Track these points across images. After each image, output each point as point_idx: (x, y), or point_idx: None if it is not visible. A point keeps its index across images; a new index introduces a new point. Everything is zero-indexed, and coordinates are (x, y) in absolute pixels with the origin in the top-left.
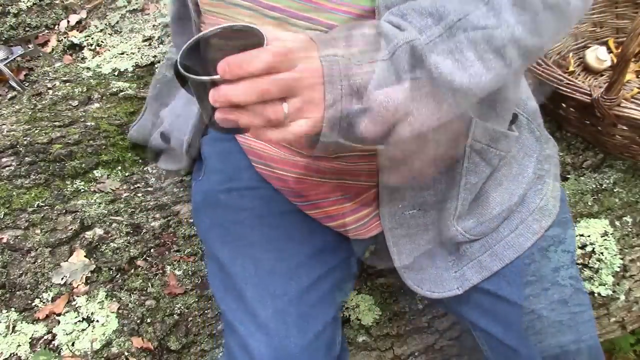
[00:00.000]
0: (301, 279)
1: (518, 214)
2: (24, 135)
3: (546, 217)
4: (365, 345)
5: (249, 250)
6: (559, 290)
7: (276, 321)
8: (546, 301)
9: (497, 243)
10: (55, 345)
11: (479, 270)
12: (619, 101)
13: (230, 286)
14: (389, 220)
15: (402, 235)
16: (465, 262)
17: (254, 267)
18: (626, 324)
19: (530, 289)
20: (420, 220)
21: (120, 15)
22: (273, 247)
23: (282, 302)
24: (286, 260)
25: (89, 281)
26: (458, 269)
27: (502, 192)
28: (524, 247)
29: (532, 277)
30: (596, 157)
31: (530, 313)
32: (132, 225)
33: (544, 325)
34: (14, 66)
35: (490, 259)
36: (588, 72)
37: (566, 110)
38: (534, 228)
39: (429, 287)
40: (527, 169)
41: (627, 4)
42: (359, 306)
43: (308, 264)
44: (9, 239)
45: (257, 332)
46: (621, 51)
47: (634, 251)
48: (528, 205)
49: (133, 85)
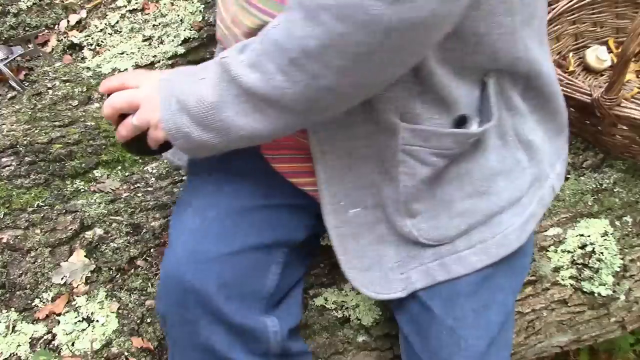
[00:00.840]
0: (239, 199)
1: (479, 233)
2: (24, 135)
3: (506, 246)
4: (365, 345)
5: (207, 168)
6: (488, 322)
7: (198, 229)
8: (473, 329)
9: (449, 255)
10: (55, 345)
11: (425, 276)
12: (619, 101)
13: (183, 200)
14: (333, 218)
15: (346, 235)
16: (413, 265)
17: (205, 180)
18: (626, 324)
19: (462, 310)
20: (364, 219)
21: (120, 15)
22: (228, 169)
23: (212, 213)
24: (233, 181)
25: (89, 281)
26: (404, 271)
27: (467, 203)
28: (474, 267)
29: (468, 299)
30: (596, 157)
31: (453, 334)
32: (132, 225)
33: (460, 349)
34: (14, 66)
35: (438, 269)
36: (588, 72)
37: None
38: (491, 252)
39: (374, 288)
40: (502, 190)
41: (627, 4)
42: (359, 306)
43: (252, 190)
44: (9, 239)
45: (181, 237)
46: (621, 51)
47: (634, 251)
48: (493, 229)
49: None
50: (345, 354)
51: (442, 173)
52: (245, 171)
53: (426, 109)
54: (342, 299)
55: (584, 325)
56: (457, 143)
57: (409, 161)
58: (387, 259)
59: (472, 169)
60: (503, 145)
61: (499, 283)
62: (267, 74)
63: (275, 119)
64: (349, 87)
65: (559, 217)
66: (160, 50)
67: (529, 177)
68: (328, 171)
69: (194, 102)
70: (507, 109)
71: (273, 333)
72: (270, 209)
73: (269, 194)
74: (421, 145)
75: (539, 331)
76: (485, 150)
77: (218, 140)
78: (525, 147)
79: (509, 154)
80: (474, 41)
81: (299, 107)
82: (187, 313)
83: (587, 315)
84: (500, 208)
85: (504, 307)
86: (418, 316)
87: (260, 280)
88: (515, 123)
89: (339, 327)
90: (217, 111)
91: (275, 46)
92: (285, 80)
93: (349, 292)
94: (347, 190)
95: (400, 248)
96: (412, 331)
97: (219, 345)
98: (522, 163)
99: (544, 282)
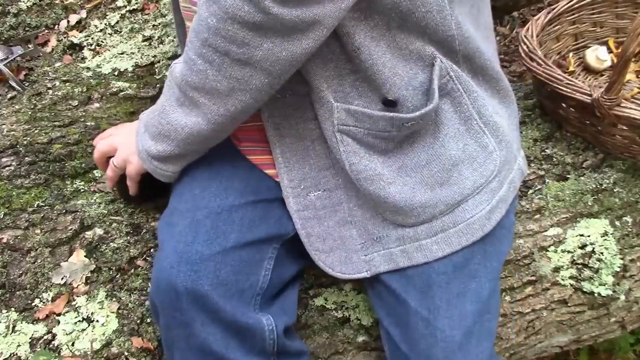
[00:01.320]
0: (227, 199)
1: (440, 222)
2: (24, 135)
3: (469, 235)
4: (365, 345)
5: (192, 171)
6: (462, 311)
7: (189, 230)
8: (447, 319)
9: (412, 242)
10: (55, 345)
11: (388, 260)
12: (619, 101)
13: (170, 205)
14: (294, 203)
15: (310, 218)
16: (377, 248)
17: (190, 184)
18: (626, 324)
19: (436, 301)
20: (326, 201)
21: (120, 15)
22: (211, 169)
23: (201, 214)
24: (219, 181)
25: (89, 281)
26: (368, 253)
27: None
28: (434, 256)
29: (441, 290)
30: (596, 157)
31: (429, 325)
32: (132, 225)
33: (437, 340)
34: (14, 66)
35: (400, 255)
36: (588, 72)
37: (566, 110)
38: (452, 241)
39: (339, 268)
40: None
41: (627, 4)
42: (359, 306)
43: (239, 188)
44: (9, 239)
45: (171, 239)
46: (621, 51)
47: (634, 251)
48: (456, 217)
49: (133, 85)
50: (345, 354)
51: (402, 165)
52: (229, 170)
53: (355, 88)
54: (342, 299)
55: (584, 325)
56: (392, 126)
57: (346, 140)
58: (351, 240)
59: (431, 160)
60: (467, 131)
61: (471, 271)
62: (190, 62)
63: (209, 108)
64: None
65: (559, 217)
66: (160, 50)
67: (497, 160)
68: (286, 155)
69: (149, 116)
70: (466, 93)
71: (269, 331)
72: (260, 204)
73: (257, 190)
74: (355, 126)
75: (539, 331)
76: (444, 139)
77: (172, 147)
78: (491, 131)
79: (473, 140)
80: (398, 17)
81: (222, 87)
82: (181, 315)
83: (587, 315)
84: (463, 197)
85: (478, 296)
86: (395, 309)
87: (254, 276)
88: (478, 107)
89: (339, 327)
90: (165, 115)
91: (192, 33)
92: (203, 63)
93: (349, 292)
94: (306, 173)
95: (363, 230)
96: (391, 323)
97: (215, 345)
98: (488, 147)
99: (544, 282)
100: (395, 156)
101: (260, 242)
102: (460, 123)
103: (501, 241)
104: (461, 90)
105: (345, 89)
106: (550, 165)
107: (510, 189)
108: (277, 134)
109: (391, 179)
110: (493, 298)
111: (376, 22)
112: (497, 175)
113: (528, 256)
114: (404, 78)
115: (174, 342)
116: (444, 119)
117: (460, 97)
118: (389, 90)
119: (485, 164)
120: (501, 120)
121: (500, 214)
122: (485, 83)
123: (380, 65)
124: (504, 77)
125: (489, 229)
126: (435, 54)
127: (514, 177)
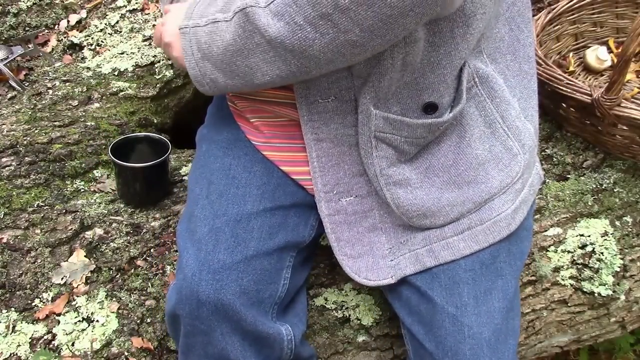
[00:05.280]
0: (245, 205)
1: (467, 220)
2: (24, 135)
3: (495, 233)
4: (365, 345)
5: (208, 176)
6: (490, 308)
7: (209, 238)
8: (476, 316)
9: (438, 241)
10: (55, 345)
11: (414, 262)
12: (619, 101)
13: (188, 210)
14: (325, 207)
15: (340, 223)
16: (403, 251)
17: (207, 190)
18: (626, 324)
19: (463, 298)
20: (358, 207)
21: (120, 15)
22: (228, 175)
23: (220, 221)
24: (236, 187)
25: (89, 281)
26: (394, 258)
27: (455, 192)
28: (461, 253)
29: (468, 286)
30: (596, 157)
31: (456, 322)
32: (132, 225)
33: (465, 337)
34: (14, 66)
35: (426, 254)
36: (588, 72)
37: (566, 110)
38: (479, 238)
39: (365, 274)
40: (491, 178)
41: (627, 4)
42: (359, 306)
43: (256, 195)
44: (9, 239)
45: (191, 247)
46: (621, 51)
47: (634, 251)
48: (482, 215)
49: (133, 85)
50: (345, 354)
51: (429, 165)
52: (245, 176)
53: (395, 95)
54: (342, 299)
55: (584, 325)
56: (429, 132)
57: (381, 146)
58: (379, 245)
59: (458, 159)
60: (492, 134)
61: (498, 269)
62: (295, 25)
63: (296, 66)
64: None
65: (559, 217)
66: (160, 50)
67: (522, 163)
68: (322, 159)
69: (216, 50)
70: (490, 98)
71: (287, 340)
72: (277, 211)
73: (273, 197)
74: (392, 133)
75: (539, 331)
76: (470, 139)
77: (242, 84)
78: (514, 134)
79: (498, 142)
80: (462, 22)
81: (324, 57)
82: (201, 324)
83: (587, 315)
84: (490, 195)
85: (505, 293)
86: (418, 306)
87: (273, 286)
88: (501, 111)
89: (339, 327)
90: (243, 58)
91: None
92: (313, 32)
93: (349, 292)
94: (340, 178)
95: (392, 235)
96: (414, 322)
97: (233, 354)
98: (513, 150)
99: (544, 282)
100: (423, 157)
101: (280, 251)
102: (485, 126)
103: (523, 242)
104: (484, 95)
105: (387, 96)
106: (550, 165)
107: (531, 192)
108: (314, 138)
109: (418, 183)
110: (516, 297)
111: (441, 28)
112: (521, 177)
113: (528, 256)
114: (441, 83)
115: (190, 349)
116: (470, 120)
117: (484, 102)
118: (431, 95)
119: (511, 165)
120: (524, 125)
121: (522, 215)
122: (514, 78)
123: (425, 72)
124: (536, 78)
125: (514, 227)
126: (469, 58)
127: (534, 181)
